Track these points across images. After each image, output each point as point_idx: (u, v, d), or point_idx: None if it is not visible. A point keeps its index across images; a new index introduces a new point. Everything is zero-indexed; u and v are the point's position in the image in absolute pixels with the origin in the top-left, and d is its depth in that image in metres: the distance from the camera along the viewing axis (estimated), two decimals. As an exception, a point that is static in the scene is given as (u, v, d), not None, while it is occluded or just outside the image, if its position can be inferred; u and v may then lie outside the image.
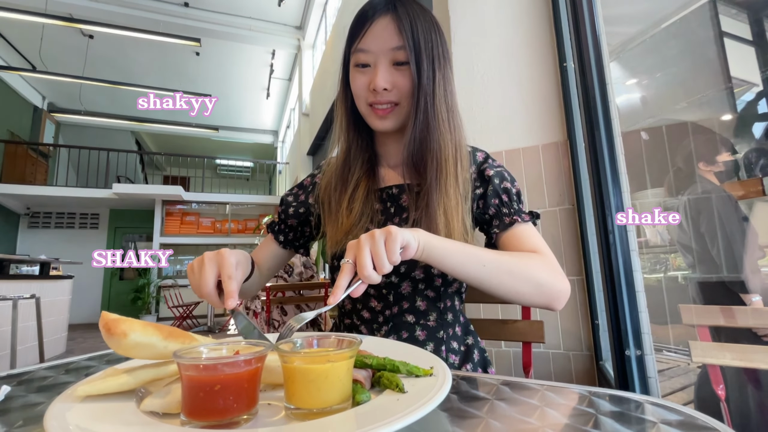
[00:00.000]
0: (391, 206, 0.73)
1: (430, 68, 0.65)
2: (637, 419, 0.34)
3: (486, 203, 0.69)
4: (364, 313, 0.72)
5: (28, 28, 6.37)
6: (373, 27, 0.65)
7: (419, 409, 0.29)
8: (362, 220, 0.70)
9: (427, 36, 0.65)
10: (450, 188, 0.65)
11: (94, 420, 0.30)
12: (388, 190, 0.74)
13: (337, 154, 0.77)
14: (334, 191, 0.73)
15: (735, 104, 1.55)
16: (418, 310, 0.69)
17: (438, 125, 0.66)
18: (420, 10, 0.67)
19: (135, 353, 0.35)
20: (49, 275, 4.26)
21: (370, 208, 0.71)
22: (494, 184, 0.70)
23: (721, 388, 1.08)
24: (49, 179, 8.54)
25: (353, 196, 0.71)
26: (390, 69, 0.66)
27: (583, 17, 1.06)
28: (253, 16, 6.85)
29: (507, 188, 0.69)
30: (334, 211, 0.72)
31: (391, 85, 0.65)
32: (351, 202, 0.71)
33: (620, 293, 0.93)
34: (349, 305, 0.76)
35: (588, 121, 1.02)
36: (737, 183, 1.39)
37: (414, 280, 0.69)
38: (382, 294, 0.70)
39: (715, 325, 1.15)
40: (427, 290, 0.69)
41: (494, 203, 0.69)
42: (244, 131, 11.29)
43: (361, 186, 0.72)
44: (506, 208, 0.68)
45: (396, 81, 0.66)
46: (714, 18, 1.57)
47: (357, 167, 0.73)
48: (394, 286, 0.69)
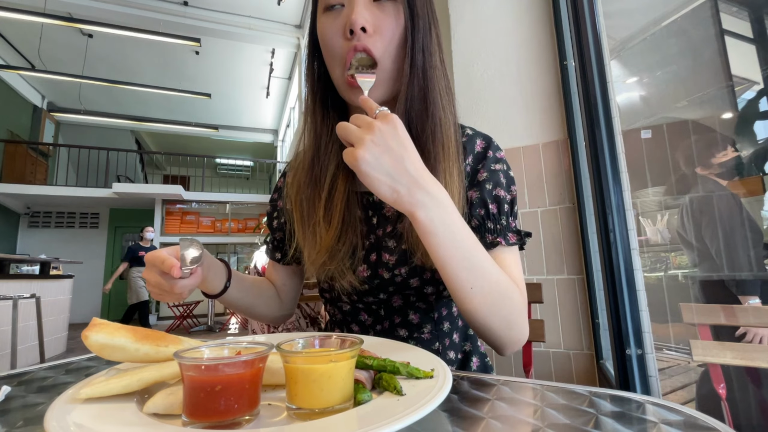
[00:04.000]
0: (374, 215, 0.61)
1: (425, 16, 0.52)
2: (637, 419, 0.34)
3: (470, 212, 0.56)
4: (353, 327, 0.65)
5: (28, 28, 6.36)
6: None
7: (420, 410, 0.29)
8: (344, 233, 0.56)
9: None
10: (455, 169, 0.53)
11: (95, 420, 0.30)
12: (368, 196, 0.61)
13: (305, 146, 0.62)
14: (305, 194, 0.59)
15: (736, 102, 1.55)
16: (411, 324, 0.61)
17: (438, 89, 0.53)
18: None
19: (107, 354, 0.36)
20: (50, 275, 4.26)
21: (351, 216, 0.58)
22: (485, 189, 0.56)
23: (722, 387, 1.08)
24: (49, 179, 8.53)
25: (330, 202, 0.57)
26: (369, 5, 0.50)
27: (584, 15, 1.06)
28: (252, 14, 6.83)
29: (498, 197, 0.56)
30: (308, 219, 0.58)
31: (372, 26, 0.50)
32: (328, 210, 0.57)
33: (621, 292, 0.93)
34: (340, 316, 0.67)
35: (588, 120, 1.02)
36: (738, 182, 1.39)
37: (405, 295, 0.60)
38: (371, 308, 0.62)
39: (715, 324, 1.15)
40: (419, 302, 0.60)
41: (479, 213, 0.56)
42: (244, 130, 11.28)
43: (337, 187, 0.57)
44: (492, 222, 0.55)
45: (378, 21, 0.50)
46: (715, 16, 1.57)
47: (329, 159, 0.58)
48: (383, 301, 0.61)
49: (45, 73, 6.33)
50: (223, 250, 9.15)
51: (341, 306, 0.66)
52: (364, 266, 0.59)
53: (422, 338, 0.61)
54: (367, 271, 0.59)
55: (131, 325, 0.38)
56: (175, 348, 0.38)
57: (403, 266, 0.57)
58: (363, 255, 0.59)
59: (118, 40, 6.86)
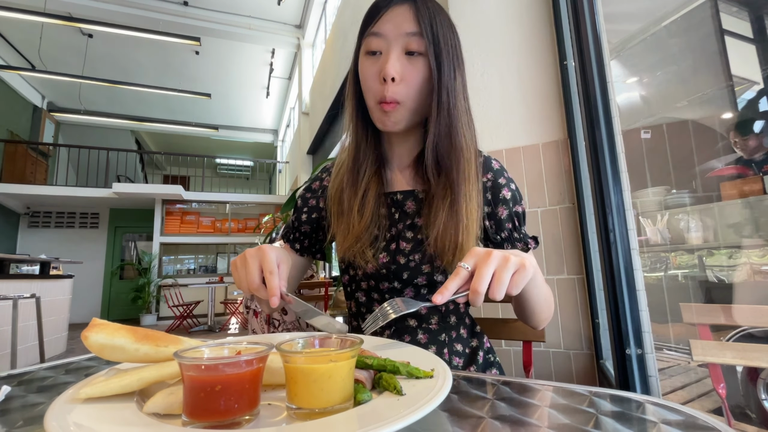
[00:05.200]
0: (396, 212, 0.72)
1: (450, 63, 0.62)
2: (637, 419, 0.34)
3: (500, 226, 0.69)
4: (367, 317, 0.72)
5: (28, 28, 6.36)
6: (389, 12, 0.62)
7: (420, 409, 0.29)
8: (371, 226, 0.69)
9: (446, 32, 0.63)
10: (473, 191, 0.64)
11: (95, 420, 0.30)
12: (394, 195, 0.72)
13: (347, 153, 0.74)
14: (345, 192, 0.71)
15: (736, 102, 1.55)
16: (419, 314, 0.69)
17: (460, 124, 0.64)
18: (439, 8, 0.64)
19: (107, 355, 0.36)
20: (50, 275, 4.26)
21: (378, 214, 0.70)
22: (509, 207, 0.69)
23: (722, 387, 1.08)
24: (49, 179, 8.53)
25: (364, 200, 0.69)
26: (402, 58, 0.62)
27: (584, 15, 1.06)
28: (252, 14, 6.84)
29: (518, 212, 0.70)
30: (345, 213, 0.70)
31: (400, 76, 0.61)
32: (362, 205, 0.69)
33: (621, 292, 0.93)
34: (354, 308, 0.76)
35: (588, 120, 1.02)
36: (738, 182, 1.39)
37: (416, 286, 0.68)
38: (384, 298, 0.70)
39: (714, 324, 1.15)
40: (429, 294, 0.68)
41: (508, 227, 0.69)
42: (244, 130, 11.28)
43: (371, 189, 0.70)
44: (517, 232, 0.69)
45: (406, 73, 0.61)
46: (715, 16, 1.57)
47: (367, 167, 0.71)
48: (396, 292, 0.69)
49: (45, 73, 6.32)
50: (223, 250, 9.15)
51: (358, 297, 0.75)
52: (384, 253, 0.69)
53: (430, 328, 0.69)
54: (386, 258, 0.69)
55: (131, 326, 0.38)
56: (175, 348, 0.38)
57: (417, 253, 0.67)
58: (384, 245, 0.70)
59: (118, 40, 6.86)
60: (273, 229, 4.17)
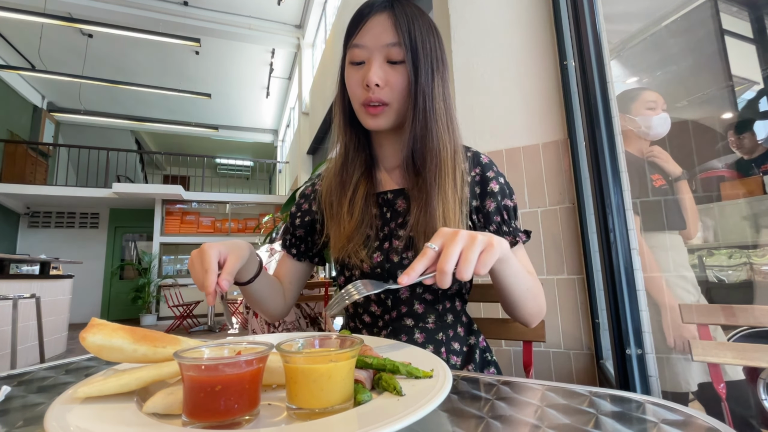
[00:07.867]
0: (387, 211, 0.73)
1: (428, 68, 0.64)
2: (637, 419, 0.34)
3: (488, 219, 0.70)
4: (365, 317, 0.74)
5: (28, 28, 6.36)
6: (369, 23, 0.65)
7: (420, 409, 0.29)
8: (362, 225, 0.70)
9: (425, 37, 0.65)
10: (449, 189, 0.65)
11: (95, 421, 0.30)
12: (384, 195, 0.74)
13: (336, 156, 0.76)
14: (335, 194, 0.73)
15: (736, 102, 1.55)
16: (416, 314, 0.69)
17: (437, 126, 0.66)
18: (418, 13, 0.66)
19: (105, 355, 0.36)
20: (49, 275, 4.26)
21: (368, 214, 0.71)
22: (497, 200, 0.70)
23: (722, 387, 1.08)
24: (48, 179, 8.53)
25: (353, 200, 0.71)
26: (384, 66, 0.65)
27: (584, 15, 1.06)
28: (252, 14, 6.84)
29: (507, 206, 0.70)
30: (335, 214, 0.72)
31: (384, 81, 0.64)
32: (351, 205, 0.71)
33: (621, 292, 0.93)
34: (352, 309, 0.77)
35: (588, 120, 1.02)
36: (737, 182, 1.39)
37: (412, 286, 0.68)
38: (380, 298, 0.71)
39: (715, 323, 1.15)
40: (425, 294, 0.69)
41: (496, 220, 0.70)
42: (244, 130, 11.28)
43: (359, 189, 0.72)
44: (506, 226, 0.69)
45: (389, 78, 0.64)
46: (715, 16, 1.57)
47: (355, 168, 0.73)
48: (392, 291, 0.69)
49: (45, 73, 6.32)
50: (223, 250, 9.14)
51: None
52: (378, 253, 0.70)
53: (427, 327, 0.69)
54: (380, 257, 0.70)
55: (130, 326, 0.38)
56: (173, 348, 0.38)
57: (409, 250, 0.68)
58: (377, 244, 0.71)
59: (118, 40, 6.86)
60: (273, 229, 4.16)
